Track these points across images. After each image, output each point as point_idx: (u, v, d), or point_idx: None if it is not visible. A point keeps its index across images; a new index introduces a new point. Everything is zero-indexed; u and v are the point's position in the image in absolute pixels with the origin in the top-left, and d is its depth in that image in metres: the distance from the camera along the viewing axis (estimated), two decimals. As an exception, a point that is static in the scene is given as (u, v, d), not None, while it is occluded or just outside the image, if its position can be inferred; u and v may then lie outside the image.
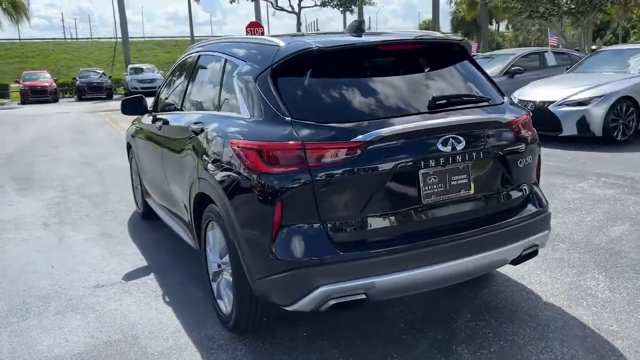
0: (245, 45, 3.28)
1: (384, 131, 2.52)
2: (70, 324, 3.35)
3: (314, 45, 2.75)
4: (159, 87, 4.81)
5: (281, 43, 2.91)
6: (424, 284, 2.71)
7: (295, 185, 2.49)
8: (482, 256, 2.73)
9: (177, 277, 4.01)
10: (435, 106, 2.74)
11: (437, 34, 3.71)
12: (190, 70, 3.99)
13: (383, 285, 2.52)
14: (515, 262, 2.99)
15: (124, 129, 6.80)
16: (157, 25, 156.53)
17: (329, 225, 2.53)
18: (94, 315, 3.46)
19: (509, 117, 2.91)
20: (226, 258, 3.02)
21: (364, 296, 2.53)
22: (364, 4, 25.93)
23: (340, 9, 25.77)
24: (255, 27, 21.59)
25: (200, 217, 3.35)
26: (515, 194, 2.95)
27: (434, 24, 30.22)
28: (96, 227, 5.34)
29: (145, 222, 5.40)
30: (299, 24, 25.78)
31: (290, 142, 2.50)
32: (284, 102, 2.66)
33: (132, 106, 4.70)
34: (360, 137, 2.50)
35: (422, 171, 2.61)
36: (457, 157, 2.66)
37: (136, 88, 28.35)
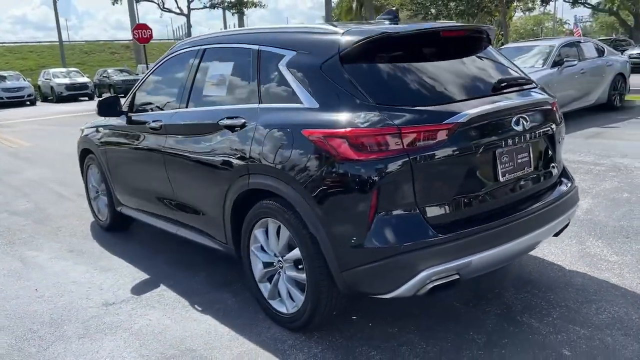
0: (287, 35, 3.17)
1: (472, 112, 2.58)
2: (106, 345, 3.02)
3: (383, 32, 2.74)
4: (135, 87, 4.44)
5: (340, 30, 2.86)
6: (506, 259, 2.82)
7: (392, 171, 2.47)
8: (545, 229, 2.90)
9: (192, 284, 3.76)
10: (499, 88, 2.86)
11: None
12: (193, 66, 3.74)
13: (477, 263, 2.59)
14: (557, 234, 3.21)
15: (14, 141, 6.16)
16: (1, 30, 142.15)
17: (425, 208, 2.53)
18: (127, 333, 3.14)
19: (549, 98, 3.11)
20: (291, 255, 2.90)
21: (457, 276, 2.57)
22: (255, 7, 25.97)
23: (232, 10, 25.47)
24: (142, 29, 20.64)
25: (240, 217, 3.18)
26: (556, 171, 3.17)
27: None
28: (58, 245, 4.81)
29: (112, 234, 4.97)
30: (189, 26, 25.02)
31: (386, 127, 2.47)
32: (361, 88, 2.62)
33: (109, 107, 4.32)
34: (451, 119, 2.54)
35: (498, 150, 2.72)
36: (525, 136, 2.80)
37: (1, 98, 25.74)
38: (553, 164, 3.13)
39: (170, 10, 24.26)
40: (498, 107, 2.69)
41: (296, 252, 2.87)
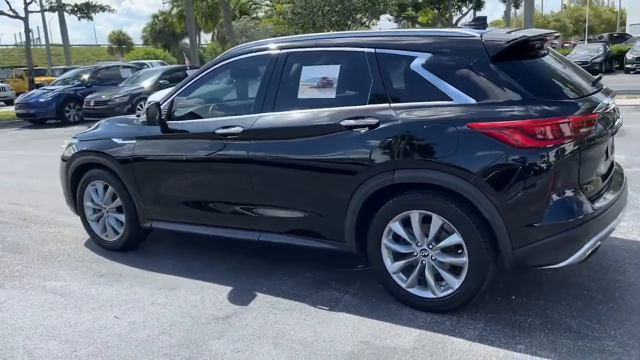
0: (410, 38, 3.37)
1: (603, 104, 3.09)
2: (273, 354, 2.93)
3: (524, 35, 3.13)
4: (172, 94, 4.19)
5: (476, 34, 3.17)
6: (613, 230, 3.32)
7: (565, 155, 2.87)
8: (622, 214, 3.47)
9: (286, 287, 3.75)
10: (595, 86, 3.41)
11: None
12: (274, 70, 3.71)
13: (607, 232, 3.10)
14: None
15: None
16: None
17: (583, 187, 2.98)
18: (283, 340, 3.08)
19: None
20: (446, 242, 3.13)
21: (599, 243, 3.06)
22: (104, 11, 24.20)
23: (78, 14, 23.38)
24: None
25: (367, 214, 3.31)
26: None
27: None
28: (75, 271, 4.31)
29: (122, 253, 4.62)
30: (27, 30, 22.34)
31: (558, 117, 2.86)
32: (517, 84, 2.97)
33: (154, 115, 4.06)
34: (595, 109, 3.01)
35: (609, 138, 3.27)
36: (616, 128, 3.36)
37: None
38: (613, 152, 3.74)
39: (2, 13, 21.43)
40: (606, 101, 3.22)
41: (452, 239, 3.10)
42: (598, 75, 3.49)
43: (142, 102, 14.53)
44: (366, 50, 3.41)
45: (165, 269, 4.25)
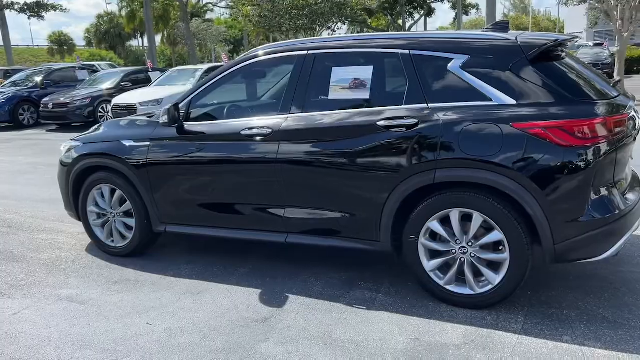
0: (447, 40, 3.43)
1: (629, 106, 3.26)
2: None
3: (557, 39, 3.26)
4: (188, 96, 4.11)
5: (510, 37, 3.29)
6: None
7: (603, 153, 3.02)
8: None
9: (316, 288, 3.74)
10: (615, 88, 3.58)
11: None
12: (301, 71, 3.70)
13: (638, 227, 3.27)
14: None
15: None
16: None
17: (617, 184, 3.13)
18: (336, 343, 3.08)
19: None
20: (487, 238, 3.21)
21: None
22: (55, 10, 23.25)
23: (28, 13, 22.31)
24: None
25: (403, 213, 3.38)
26: None
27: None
28: (86, 279, 4.15)
29: (130, 259, 4.47)
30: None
31: (597, 118, 3.00)
32: (555, 85, 3.10)
33: (174, 116, 3.97)
34: (624, 110, 3.18)
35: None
36: (638, 130, 3.53)
37: None
38: None
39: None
40: (630, 104, 3.39)
41: (494, 236, 3.19)
42: (618, 79, 3.67)
43: (105, 105, 14.11)
44: (400, 51, 3.46)
45: (183, 273, 4.15)
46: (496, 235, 3.18)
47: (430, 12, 35.87)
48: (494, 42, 3.32)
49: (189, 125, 4.05)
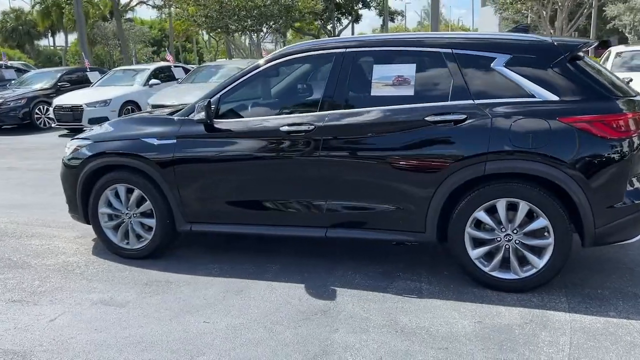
0: (489, 40, 3.65)
1: None
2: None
3: (587, 41, 3.57)
4: (216, 93, 4.07)
5: (547, 39, 3.56)
6: None
7: (638, 145, 3.34)
8: None
9: (356, 280, 3.82)
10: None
11: None
12: (340, 68, 3.78)
13: None
14: None
15: None
16: None
17: None
18: (408, 330, 3.19)
19: None
20: (534, 225, 3.44)
21: None
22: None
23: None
24: None
25: (449, 204, 3.56)
26: None
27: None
28: (111, 283, 3.98)
29: (147, 260, 4.33)
30: None
31: (632, 113, 3.32)
32: (592, 83, 3.40)
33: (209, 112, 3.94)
34: None
35: None
36: None
37: None
38: None
39: None
40: None
41: (539, 223, 3.43)
42: (629, 78, 4.05)
43: (42, 106, 13.34)
44: (443, 50, 3.63)
45: (214, 272, 4.09)
46: (541, 222, 3.42)
47: (357, 18, 36.70)
48: (533, 42, 3.57)
49: (220, 122, 4.00)
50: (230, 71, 12.60)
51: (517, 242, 3.50)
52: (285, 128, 3.81)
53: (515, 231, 3.50)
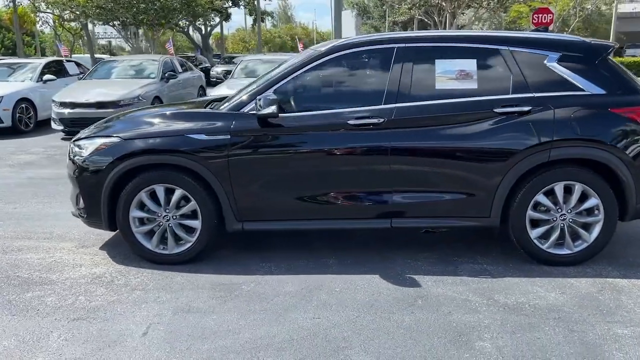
0: (539, 39, 4.00)
1: None
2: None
3: (614, 44, 4.09)
4: (268, 86, 3.98)
5: (587, 39, 4.03)
6: None
7: None
8: None
9: (422, 265, 3.97)
10: None
11: None
12: (402, 63, 3.90)
13: None
14: None
15: None
16: None
17: None
18: (516, 307, 3.42)
19: None
20: (587, 204, 3.87)
21: None
22: None
23: None
24: None
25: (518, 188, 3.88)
26: None
27: None
28: (166, 292, 3.71)
29: (193, 265, 4.08)
30: None
31: None
32: (628, 78, 3.94)
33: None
34: None
35: None
36: None
37: None
38: None
39: None
40: None
41: (591, 202, 3.87)
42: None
43: (25, 104, 11.31)
44: (501, 47, 3.93)
45: (276, 271, 3.97)
46: (593, 201, 3.86)
47: (227, 17, 36.32)
48: (578, 42, 4.01)
49: (284, 117, 3.90)
50: (132, 67, 11.92)
51: (571, 220, 3.91)
52: (354, 121, 3.83)
53: (569, 211, 3.90)
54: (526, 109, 3.79)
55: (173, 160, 3.94)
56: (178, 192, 3.99)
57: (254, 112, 3.88)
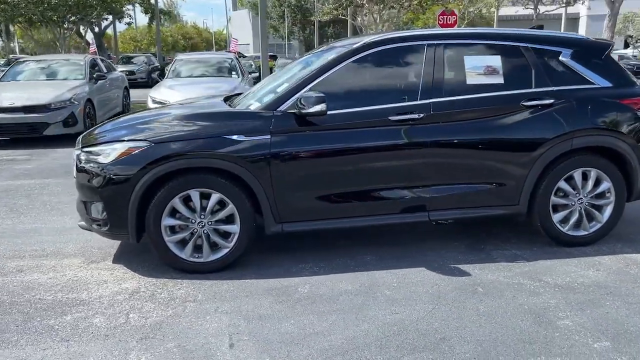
0: (551, 36, 4.29)
1: None
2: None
3: (612, 42, 4.50)
4: (301, 86, 3.92)
5: (590, 37, 4.41)
6: None
7: None
8: None
9: (457, 255, 4.12)
10: None
11: None
12: (434, 59, 4.02)
13: None
14: None
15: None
16: None
17: None
18: (567, 287, 3.65)
19: None
20: (601, 188, 4.23)
21: None
22: None
23: None
24: None
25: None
26: None
27: None
28: (222, 302, 3.55)
29: (235, 269, 3.91)
30: None
31: None
32: (624, 73, 4.36)
33: None
34: None
35: None
36: None
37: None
38: None
39: None
40: None
41: (604, 186, 4.23)
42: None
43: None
44: (521, 44, 4.17)
45: (320, 271, 3.91)
46: (606, 185, 4.22)
47: (122, 16, 34.58)
48: (584, 39, 4.36)
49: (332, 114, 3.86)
50: (54, 68, 11.10)
51: (587, 203, 4.25)
52: (395, 117, 3.88)
53: (586, 195, 4.23)
54: (550, 101, 4.05)
55: (212, 163, 3.76)
56: (215, 196, 3.80)
57: (294, 110, 3.81)
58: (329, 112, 3.84)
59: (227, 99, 4.87)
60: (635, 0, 30.35)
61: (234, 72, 11.11)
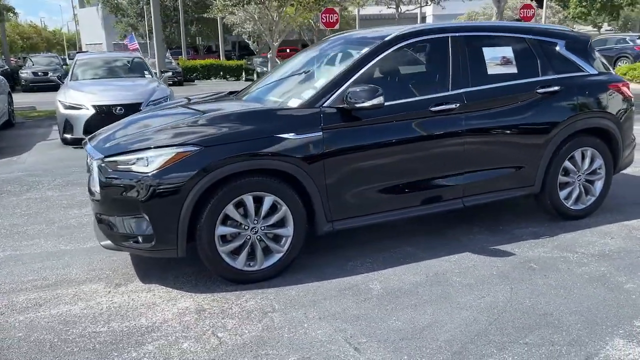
0: (548, 30, 4.65)
1: None
2: (617, 259, 3.91)
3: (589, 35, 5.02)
4: (340, 80, 3.86)
5: (573, 30, 4.87)
6: None
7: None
8: None
9: (495, 242, 4.33)
10: None
11: None
12: (458, 51, 4.17)
13: None
14: None
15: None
16: None
17: None
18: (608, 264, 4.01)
19: None
20: (594, 166, 4.72)
21: None
22: None
23: None
24: None
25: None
26: None
27: None
28: (310, 311, 3.40)
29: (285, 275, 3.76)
30: None
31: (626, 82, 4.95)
32: (604, 63, 4.90)
33: None
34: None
35: None
36: None
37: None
38: None
39: None
40: None
41: (598, 163, 4.72)
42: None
43: None
44: (526, 36, 4.49)
45: (377, 267, 3.87)
46: (599, 162, 4.71)
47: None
48: (571, 32, 4.81)
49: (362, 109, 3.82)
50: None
51: (584, 180, 4.71)
52: (434, 108, 3.98)
53: (584, 172, 4.68)
54: (557, 88, 4.41)
55: (268, 165, 3.55)
56: (268, 199, 3.59)
57: (340, 105, 3.73)
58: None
59: (231, 94, 4.65)
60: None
61: (146, 72, 10.40)
